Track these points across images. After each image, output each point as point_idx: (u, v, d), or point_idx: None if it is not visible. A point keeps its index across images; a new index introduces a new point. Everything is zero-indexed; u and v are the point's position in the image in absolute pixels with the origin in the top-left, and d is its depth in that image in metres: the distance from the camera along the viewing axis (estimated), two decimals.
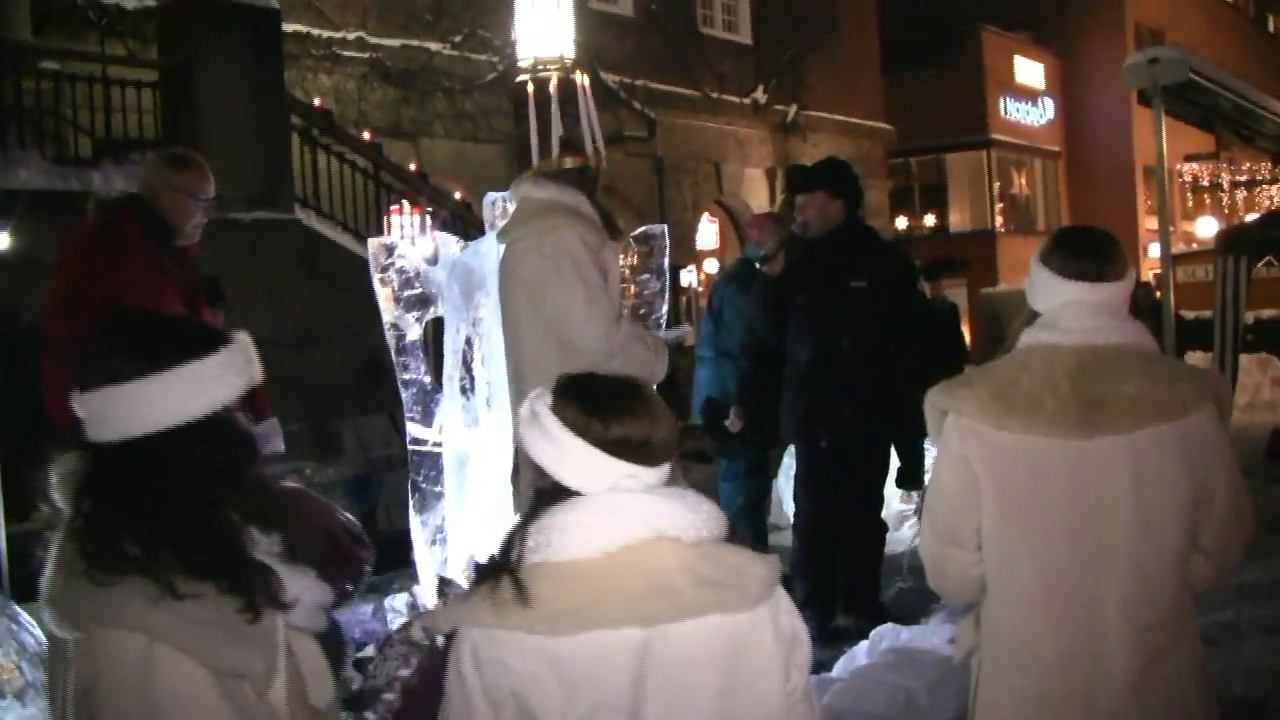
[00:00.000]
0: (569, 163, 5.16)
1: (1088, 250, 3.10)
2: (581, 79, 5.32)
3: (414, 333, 6.69)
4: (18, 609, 5.80)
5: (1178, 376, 3.09)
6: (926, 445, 7.33)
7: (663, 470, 2.36)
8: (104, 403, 2.23)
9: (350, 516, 2.75)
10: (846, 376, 6.49)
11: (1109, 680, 2.97)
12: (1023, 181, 34.64)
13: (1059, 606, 2.99)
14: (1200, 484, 2.98)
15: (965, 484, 3.05)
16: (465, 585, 2.44)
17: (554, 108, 5.21)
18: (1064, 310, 3.05)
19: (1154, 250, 27.35)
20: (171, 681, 2.10)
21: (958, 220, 33.33)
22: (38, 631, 5.67)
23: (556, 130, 5.23)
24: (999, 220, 32.67)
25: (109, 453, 2.23)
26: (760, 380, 7.05)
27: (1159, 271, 15.39)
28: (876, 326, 6.52)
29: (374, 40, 15.96)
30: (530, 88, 5.39)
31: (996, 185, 32.86)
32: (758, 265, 7.15)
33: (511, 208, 5.71)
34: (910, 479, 7.01)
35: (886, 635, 5.63)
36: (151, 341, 2.29)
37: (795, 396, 6.72)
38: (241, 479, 2.31)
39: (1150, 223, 32.17)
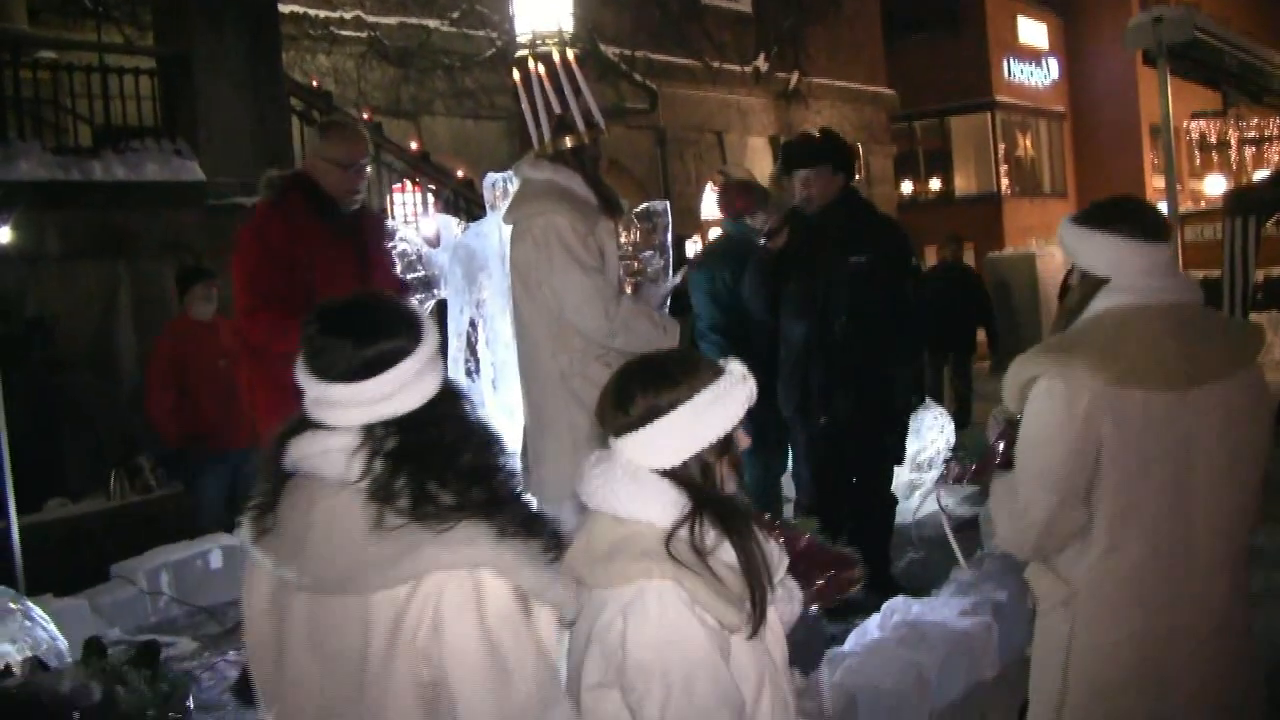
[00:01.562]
0: (567, 143, 5.18)
1: (1147, 214, 3.34)
2: (564, 55, 5.31)
3: None
4: (30, 604, 5.80)
5: (1242, 328, 3.49)
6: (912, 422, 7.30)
7: (617, 448, 2.59)
8: (384, 385, 2.40)
9: None
10: (844, 353, 6.45)
11: (1210, 613, 3.22)
12: (1028, 144, 34.45)
13: (1168, 549, 3.19)
14: (1267, 429, 3.28)
15: (1083, 443, 3.17)
16: None
17: (546, 87, 5.20)
18: (1144, 274, 3.24)
19: (1161, 209, 27.24)
20: (502, 614, 2.34)
21: (963, 184, 33.18)
22: (52, 627, 5.68)
23: (556, 109, 5.23)
24: (1005, 183, 32.53)
25: (392, 423, 2.41)
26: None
27: None
28: (874, 302, 6.49)
29: (371, 19, 15.88)
30: (527, 66, 5.37)
31: (1001, 148, 32.68)
32: (762, 241, 7.10)
33: (513, 189, 5.72)
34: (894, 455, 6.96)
35: (898, 609, 5.62)
36: (409, 320, 2.49)
37: (792, 374, 6.69)
38: (490, 433, 2.53)
39: (1157, 182, 32.02)
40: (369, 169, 5.72)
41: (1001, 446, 3.50)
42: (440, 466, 2.37)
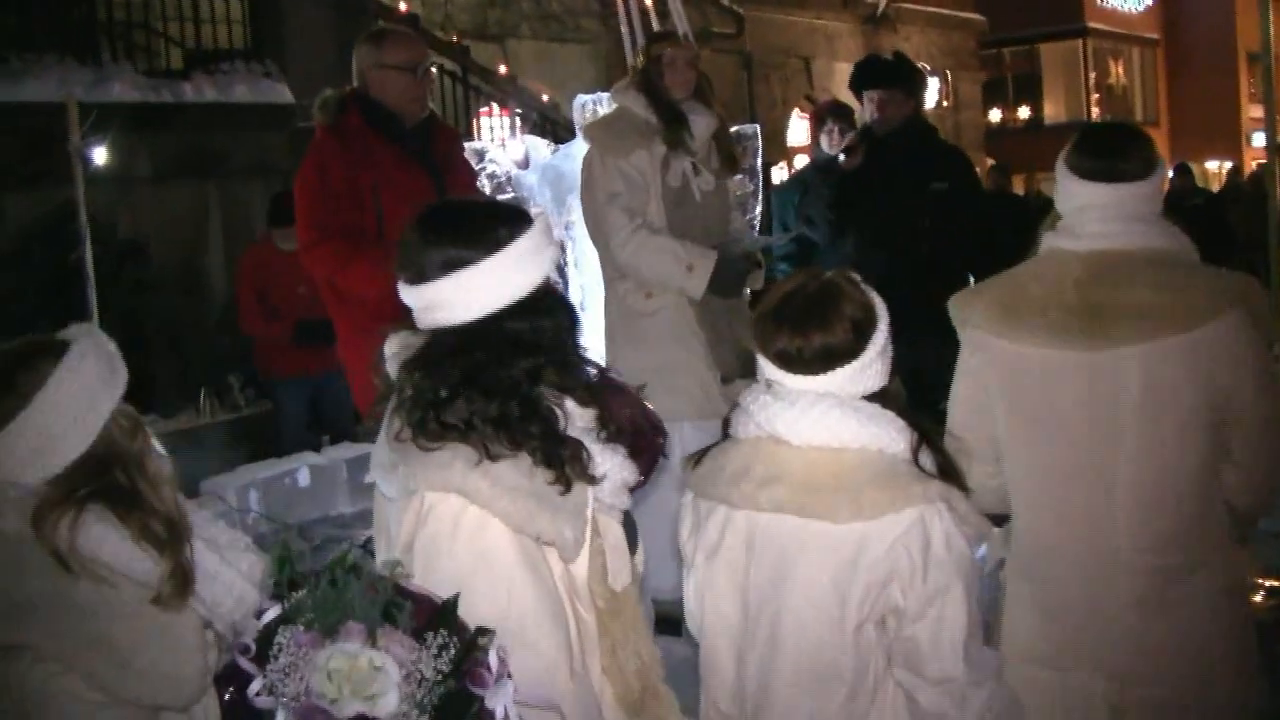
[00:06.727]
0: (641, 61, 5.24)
1: (1105, 149, 2.98)
2: None
3: None
4: None
5: (1193, 283, 2.92)
6: None
7: (823, 379, 2.54)
8: (442, 291, 2.38)
9: (650, 406, 2.83)
10: (929, 283, 6.32)
11: (1116, 597, 2.91)
12: (1120, 71, 33.78)
13: (1069, 520, 2.94)
14: (1221, 395, 2.86)
15: (975, 396, 3.02)
16: None
17: (645, 7, 5.19)
18: (1080, 214, 2.95)
19: (1258, 140, 26.63)
20: (478, 543, 2.31)
21: (1052, 112, 32.65)
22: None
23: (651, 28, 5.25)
24: (1095, 112, 31.93)
25: (443, 333, 2.41)
26: None
27: (1263, 162, 14.97)
28: (955, 228, 6.41)
29: None
30: None
31: (1093, 76, 32.08)
32: (840, 158, 7.04)
33: (603, 111, 5.74)
34: None
35: None
36: (479, 226, 2.44)
37: None
38: (563, 351, 2.47)
39: (1254, 111, 31.22)
40: (435, 80, 5.40)
41: None
42: (462, 386, 2.37)
